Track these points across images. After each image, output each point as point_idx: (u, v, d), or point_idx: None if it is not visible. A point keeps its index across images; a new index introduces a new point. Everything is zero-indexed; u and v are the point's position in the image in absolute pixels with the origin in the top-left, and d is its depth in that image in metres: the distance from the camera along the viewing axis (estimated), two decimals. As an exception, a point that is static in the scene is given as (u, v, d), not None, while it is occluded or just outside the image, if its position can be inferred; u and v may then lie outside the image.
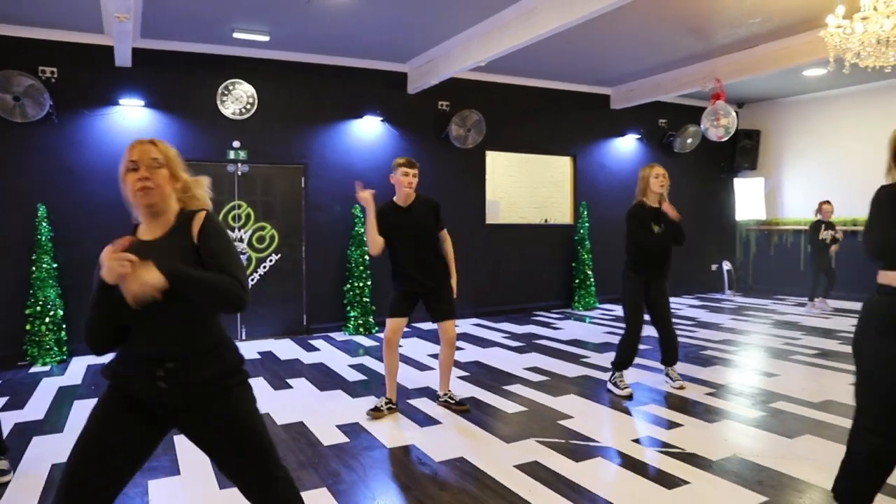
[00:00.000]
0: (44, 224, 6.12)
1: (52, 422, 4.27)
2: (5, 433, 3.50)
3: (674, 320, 4.93)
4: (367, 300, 7.40)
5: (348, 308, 7.43)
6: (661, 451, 3.51)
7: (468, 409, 4.30)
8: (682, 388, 4.72)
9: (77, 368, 5.84)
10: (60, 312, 6.13)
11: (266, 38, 6.53)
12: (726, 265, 10.29)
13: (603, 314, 8.59)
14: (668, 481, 3.11)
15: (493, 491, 3.03)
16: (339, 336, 7.28)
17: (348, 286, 7.43)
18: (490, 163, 8.90)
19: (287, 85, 7.27)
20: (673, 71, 8.21)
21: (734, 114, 7.72)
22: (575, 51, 7.24)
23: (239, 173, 7.09)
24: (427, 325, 7.61)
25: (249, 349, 6.58)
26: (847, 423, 3.88)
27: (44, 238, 6.08)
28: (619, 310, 8.84)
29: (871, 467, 2.34)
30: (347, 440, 3.77)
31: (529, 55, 6.94)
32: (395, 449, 3.61)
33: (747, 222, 10.56)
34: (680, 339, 6.59)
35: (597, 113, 9.37)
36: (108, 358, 1.91)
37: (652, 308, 4.67)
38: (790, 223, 10.02)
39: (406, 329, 7.15)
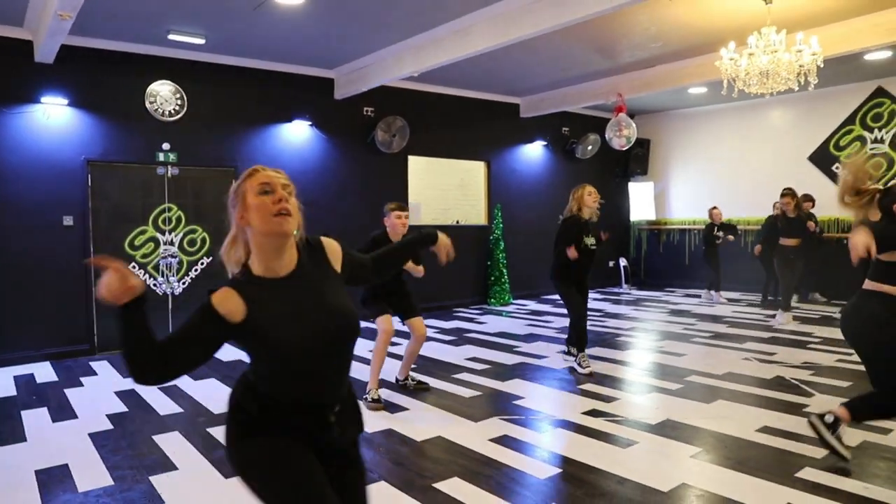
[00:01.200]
0: (-41, 228, 5.79)
1: (9, 432, 4.17)
2: None
3: (589, 311, 5.66)
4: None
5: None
6: (609, 420, 4.08)
7: (428, 387, 4.74)
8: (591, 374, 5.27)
9: (2, 381, 5.58)
10: (-21, 321, 5.83)
11: (202, 41, 6.53)
12: (623, 261, 11.34)
13: (518, 308, 9.24)
14: (621, 442, 3.68)
15: (478, 461, 3.45)
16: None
17: (281, 287, 7.54)
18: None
19: (217, 87, 7.26)
20: (580, 84, 9.00)
21: (634, 125, 8.62)
22: (491, 63, 7.74)
23: (169, 175, 7.01)
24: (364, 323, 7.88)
25: (186, 352, 6.55)
26: (746, 389, 4.69)
27: (-41, 243, 5.76)
28: (532, 304, 9.55)
29: None
30: (328, 428, 4.03)
31: (448, 65, 7.33)
32: (376, 433, 3.93)
33: (639, 222, 11.70)
34: (594, 328, 7.36)
35: (508, 121, 10.03)
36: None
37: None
38: (676, 223, 11.26)
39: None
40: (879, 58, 7.49)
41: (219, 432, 4.03)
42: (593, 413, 4.25)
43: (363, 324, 4.60)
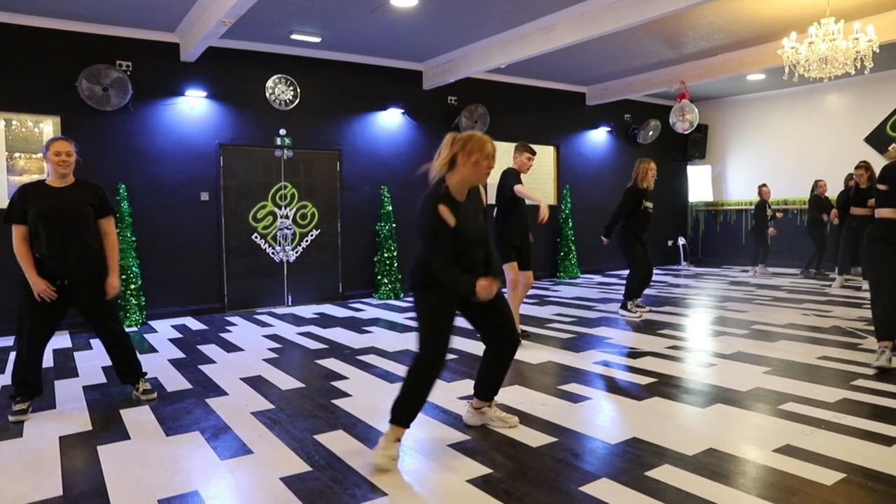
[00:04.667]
0: (125, 202, 6.90)
1: (198, 358, 5.22)
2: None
3: (654, 283, 6.62)
4: (395, 268, 8.52)
5: (379, 276, 8.52)
6: (688, 352, 4.90)
7: (528, 335, 5.59)
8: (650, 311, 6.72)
9: (164, 328, 6.67)
10: (140, 281, 6.93)
11: (318, 40, 7.52)
12: (681, 240, 11.99)
13: (586, 281, 10.04)
14: (702, 364, 4.50)
15: (589, 375, 4.33)
16: (372, 301, 8.37)
17: (378, 257, 8.52)
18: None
19: (325, 80, 8.26)
20: (643, 74, 9.71)
21: (696, 110, 9.30)
22: (563, 55, 8.46)
23: (285, 157, 8.04)
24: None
25: (303, 311, 7.61)
26: (806, 333, 5.42)
27: (125, 214, 6.86)
28: (598, 277, 10.34)
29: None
30: (457, 355, 4.97)
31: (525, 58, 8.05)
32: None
33: (697, 203, 12.32)
34: (662, 294, 8.10)
35: (575, 108, 10.80)
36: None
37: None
38: (733, 204, 11.85)
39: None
40: (934, 43, 7.98)
41: (366, 359, 5.00)
42: (674, 348, 5.07)
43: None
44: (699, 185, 12.04)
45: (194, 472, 2.85)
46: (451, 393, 3.99)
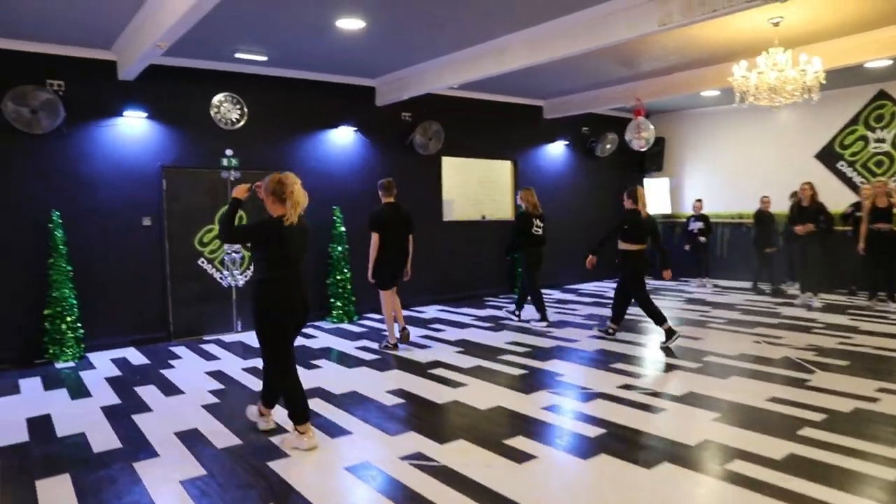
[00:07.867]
0: (59, 229, 6.53)
1: (134, 404, 4.95)
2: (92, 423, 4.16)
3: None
4: (349, 291, 8.31)
5: (332, 299, 8.30)
6: (641, 393, 4.83)
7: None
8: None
9: (103, 363, 6.36)
10: (77, 312, 6.58)
11: (265, 59, 7.25)
12: (639, 252, 12.01)
13: (545, 297, 9.95)
14: (654, 410, 4.42)
15: (536, 423, 4.21)
16: (325, 325, 8.14)
17: (331, 279, 8.30)
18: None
19: (273, 98, 7.99)
20: (601, 89, 9.66)
21: (652, 127, 9.29)
22: (517, 72, 8.30)
23: (231, 179, 7.75)
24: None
25: (252, 339, 7.33)
26: (757, 367, 5.39)
27: (59, 243, 6.50)
28: (557, 293, 10.30)
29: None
30: (404, 400, 4.80)
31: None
32: (445, 404, 4.69)
33: (655, 216, 12.34)
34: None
35: (532, 122, 10.71)
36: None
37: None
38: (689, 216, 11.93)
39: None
40: (880, 66, 8.11)
41: (318, 404, 4.80)
42: (626, 387, 5.00)
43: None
44: (657, 197, 12.09)
45: (104, 571, 2.64)
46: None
